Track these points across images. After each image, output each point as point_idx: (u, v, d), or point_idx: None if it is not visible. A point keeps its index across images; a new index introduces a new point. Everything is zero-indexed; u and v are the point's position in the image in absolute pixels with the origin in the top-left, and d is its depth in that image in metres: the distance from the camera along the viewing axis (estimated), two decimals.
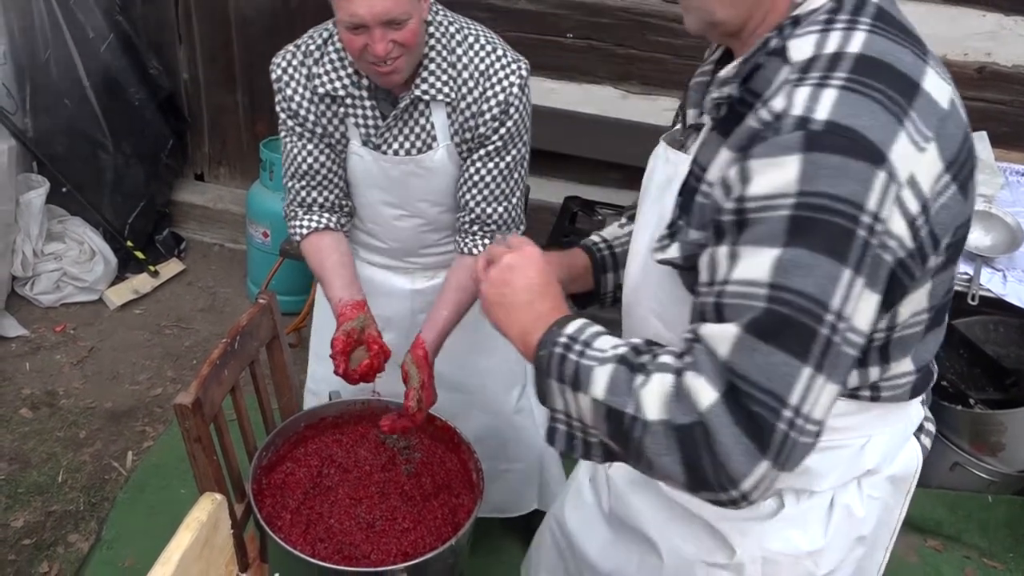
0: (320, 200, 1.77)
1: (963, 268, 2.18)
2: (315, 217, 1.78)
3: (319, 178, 1.75)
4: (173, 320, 3.28)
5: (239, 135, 3.63)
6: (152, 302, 3.37)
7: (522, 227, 1.81)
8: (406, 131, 1.67)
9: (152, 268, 3.43)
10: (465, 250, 1.77)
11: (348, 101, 1.66)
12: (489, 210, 1.72)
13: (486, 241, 1.75)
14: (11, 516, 2.42)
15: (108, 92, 3.27)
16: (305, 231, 1.78)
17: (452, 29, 1.64)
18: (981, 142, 2.61)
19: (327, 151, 1.73)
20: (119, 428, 2.76)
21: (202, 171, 3.78)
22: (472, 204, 1.72)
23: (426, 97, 1.62)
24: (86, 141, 3.30)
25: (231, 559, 1.21)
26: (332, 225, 1.79)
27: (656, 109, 2.97)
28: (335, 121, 1.69)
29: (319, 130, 1.70)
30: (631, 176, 3.14)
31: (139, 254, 3.42)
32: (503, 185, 1.71)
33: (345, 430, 1.83)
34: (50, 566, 2.30)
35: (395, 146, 1.69)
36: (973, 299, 2.14)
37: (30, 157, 3.36)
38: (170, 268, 3.51)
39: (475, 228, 1.75)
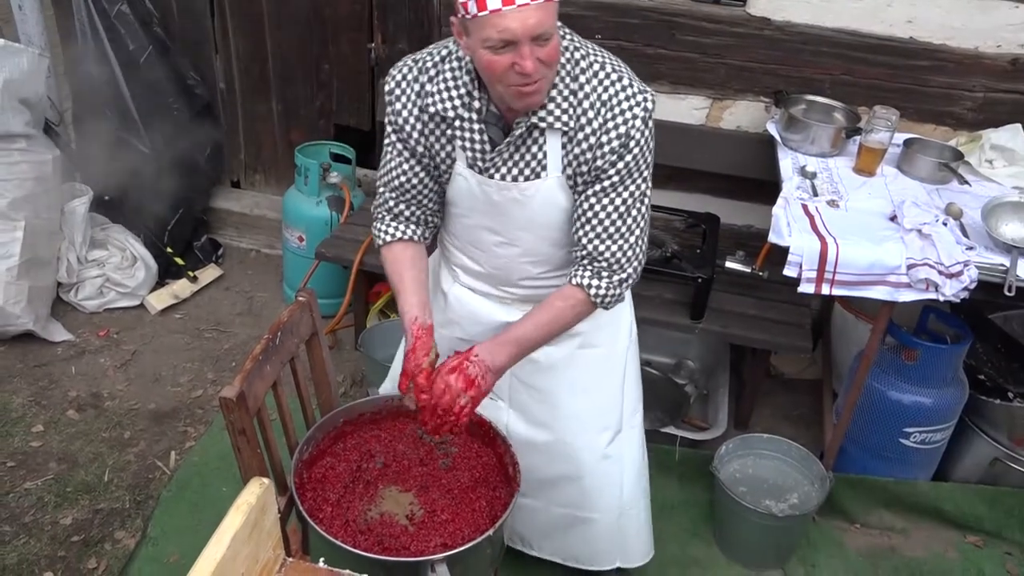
0: (407, 213, 1.76)
1: (999, 259, 2.16)
2: (401, 227, 1.77)
3: (411, 194, 1.74)
4: (212, 324, 3.35)
5: (274, 142, 3.70)
6: (192, 307, 3.44)
7: (641, 265, 1.70)
8: (516, 157, 1.61)
9: (191, 274, 3.51)
10: (573, 281, 1.68)
11: (457, 124, 1.61)
12: (602, 247, 1.64)
13: (588, 275, 1.66)
14: (60, 514, 2.49)
15: (147, 102, 3.36)
16: (389, 238, 1.77)
17: (577, 55, 1.57)
18: (1016, 134, 2.59)
19: (424, 172, 1.71)
20: (162, 429, 2.83)
21: (238, 178, 3.85)
22: (584, 240, 1.65)
23: (543, 124, 1.56)
24: (127, 150, 3.39)
25: (278, 542, 1.24)
26: (416, 238, 1.78)
27: (685, 108, 2.98)
28: (442, 140, 1.65)
29: (421, 148, 1.67)
30: (660, 174, 3.16)
31: (179, 260, 3.50)
32: (618, 222, 1.63)
33: (383, 425, 1.87)
34: (98, 562, 2.36)
35: (503, 171, 1.63)
36: (1010, 290, 2.11)
37: (73, 167, 3.46)
38: (208, 273, 3.59)
39: (586, 263, 1.67)
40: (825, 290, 2.18)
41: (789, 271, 2.18)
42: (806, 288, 2.18)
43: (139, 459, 2.71)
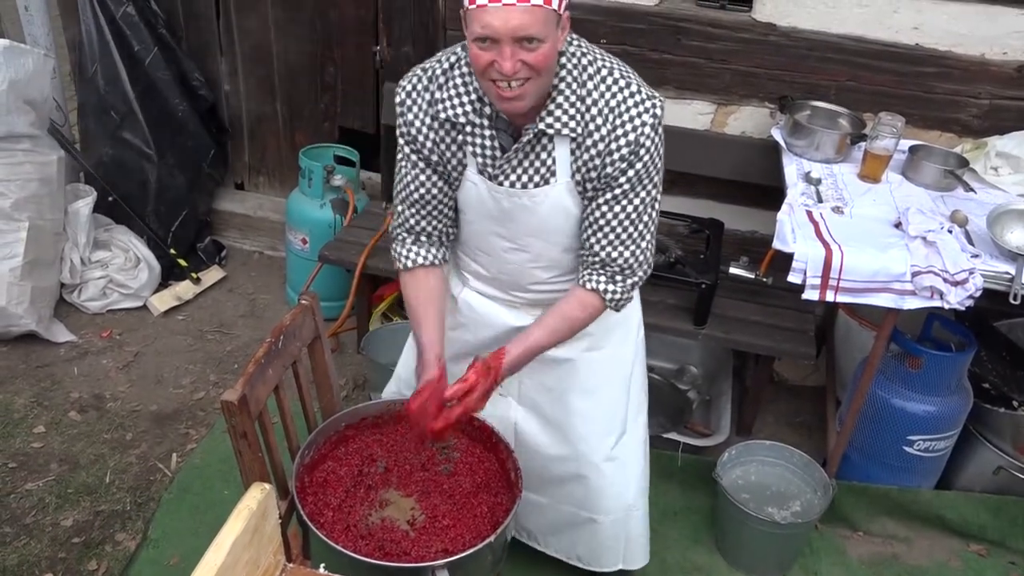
0: (428, 228, 1.75)
1: (1004, 267, 2.15)
2: (423, 251, 1.76)
3: (432, 205, 1.72)
4: (215, 326, 3.35)
5: (278, 144, 3.70)
6: (194, 308, 3.44)
7: (650, 267, 1.73)
8: (525, 164, 1.61)
9: (194, 275, 3.51)
10: (581, 283, 1.70)
11: (468, 129, 1.62)
12: (615, 254, 1.65)
13: (603, 280, 1.68)
14: (61, 515, 2.49)
15: (152, 104, 3.36)
16: (411, 264, 1.76)
17: (584, 61, 1.56)
18: (1022, 141, 2.58)
19: (440, 181, 1.70)
20: (164, 431, 2.83)
21: (242, 180, 3.86)
22: (597, 247, 1.66)
23: (551, 131, 1.55)
24: (131, 152, 3.39)
25: (279, 548, 1.24)
26: (437, 261, 1.77)
27: (689, 113, 2.97)
28: (453, 147, 1.65)
29: (435, 157, 1.66)
30: (665, 179, 3.14)
31: (182, 262, 3.50)
32: (630, 228, 1.63)
33: (385, 430, 1.86)
34: (98, 564, 2.36)
35: (512, 177, 1.63)
36: (1015, 298, 2.11)
37: (78, 167, 3.47)
38: (211, 275, 3.59)
39: (598, 266, 1.68)
40: (829, 297, 2.17)
41: (793, 278, 2.17)
42: (810, 295, 2.17)
43: (140, 461, 2.70)
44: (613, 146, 1.56)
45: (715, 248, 2.85)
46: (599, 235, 1.64)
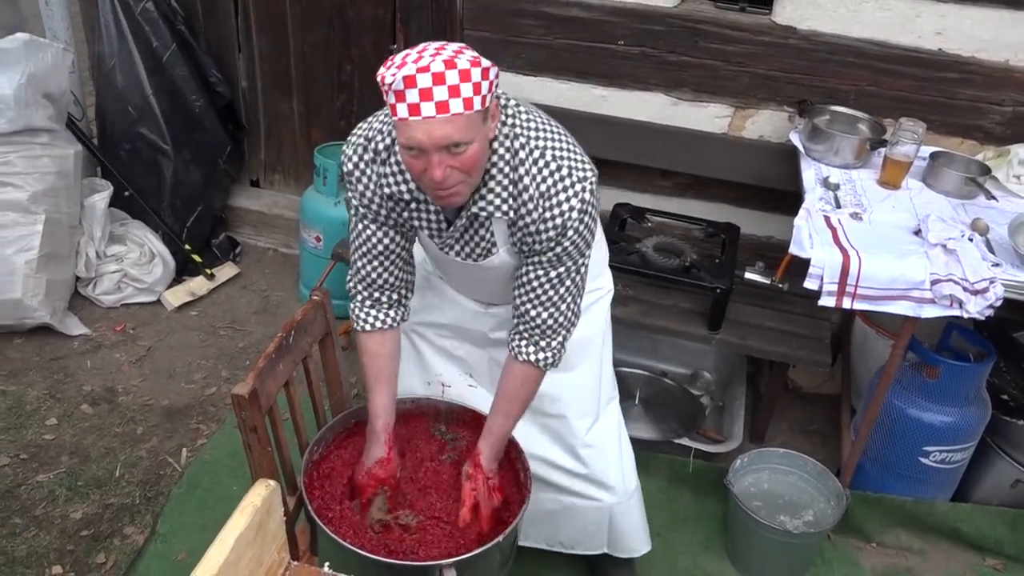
0: (391, 280, 1.76)
1: (1023, 277, 2.12)
2: (380, 314, 1.78)
3: (392, 257, 1.74)
4: (228, 322, 3.35)
5: (294, 142, 3.71)
6: (208, 304, 3.45)
7: (573, 326, 1.74)
8: (466, 238, 1.67)
9: (208, 271, 3.51)
10: (513, 355, 1.73)
11: (413, 205, 1.65)
12: (533, 312, 1.68)
13: (530, 349, 1.71)
14: (71, 508, 2.49)
15: (170, 100, 3.37)
16: (370, 327, 1.77)
17: (516, 145, 1.55)
18: None
19: (399, 236, 1.72)
20: (174, 425, 2.83)
21: (258, 177, 3.86)
22: (518, 301, 1.70)
23: (483, 215, 1.59)
24: (148, 147, 3.40)
25: (283, 545, 1.23)
26: (394, 322, 1.79)
27: (706, 116, 2.95)
28: (403, 216, 1.69)
29: (391, 221, 1.70)
30: (681, 183, 3.15)
31: (196, 257, 3.50)
32: (550, 292, 1.67)
33: (395, 428, 1.85)
34: (107, 557, 2.36)
35: (456, 248, 1.70)
36: None
37: (95, 162, 3.48)
38: (225, 271, 3.59)
39: (521, 327, 1.71)
40: (846, 304, 2.14)
41: (810, 284, 2.14)
42: (827, 301, 2.15)
43: (151, 455, 2.71)
44: (542, 227, 1.58)
45: (731, 253, 2.83)
46: (521, 291, 1.68)
